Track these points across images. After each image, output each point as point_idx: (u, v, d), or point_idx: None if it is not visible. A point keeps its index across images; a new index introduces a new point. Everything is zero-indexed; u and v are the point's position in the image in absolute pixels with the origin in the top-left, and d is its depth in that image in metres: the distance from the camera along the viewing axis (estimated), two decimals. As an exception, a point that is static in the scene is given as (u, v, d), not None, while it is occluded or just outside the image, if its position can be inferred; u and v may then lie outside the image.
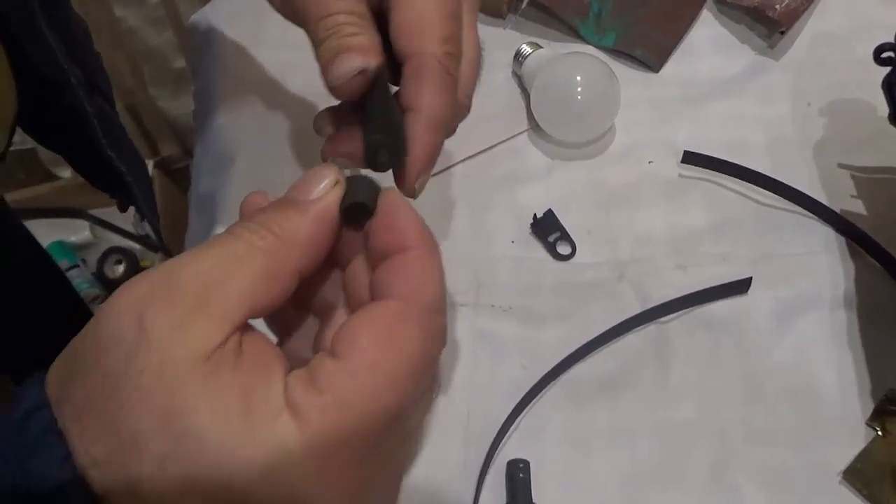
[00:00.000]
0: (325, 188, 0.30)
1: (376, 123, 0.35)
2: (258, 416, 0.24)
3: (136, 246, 1.35)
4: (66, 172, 1.48)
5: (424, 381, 0.27)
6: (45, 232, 1.32)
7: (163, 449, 0.24)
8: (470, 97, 0.41)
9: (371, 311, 0.28)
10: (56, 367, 0.26)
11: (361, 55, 0.34)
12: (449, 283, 0.55)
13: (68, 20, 0.52)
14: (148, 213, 0.60)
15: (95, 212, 1.38)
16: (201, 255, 0.27)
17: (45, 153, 1.43)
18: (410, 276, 0.28)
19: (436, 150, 0.37)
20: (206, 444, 0.24)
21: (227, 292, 0.26)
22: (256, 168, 0.61)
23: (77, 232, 1.37)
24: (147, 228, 0.58)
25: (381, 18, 0.37)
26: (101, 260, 1.35)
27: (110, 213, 1.39)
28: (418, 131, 0.36)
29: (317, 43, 0.36)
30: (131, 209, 0.66)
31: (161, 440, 0.24)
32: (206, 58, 0.68)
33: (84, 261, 1.37)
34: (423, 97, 0.35)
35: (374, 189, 0.31)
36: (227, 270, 0.26)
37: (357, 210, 0.30)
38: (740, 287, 0.54)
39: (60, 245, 1.34)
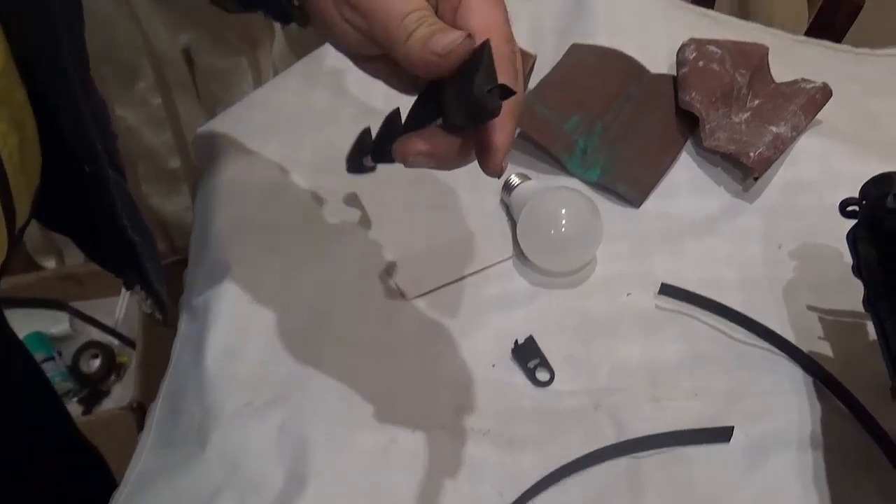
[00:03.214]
0: None
1: (481, 75, 0.37)
2: None
3: (114, 341, 1.35)
4: (50, 262, 1.49)
5: None
6: (25, 322, 1.31)
7: None
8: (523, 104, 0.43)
9: None
10: None
11: (456, 31, 0.38)
12: (428, 406, 0.56)
13: (93, 94, 0.55)
14: (158, 289, 0.62)
15: (77, 304, 1.38)
16: None
17: (31, 242, 1.44)
18: None
19: (513, 135, 0.40)
20: None
21: None
22: (250, 278, 0.63)
23: (56, 323, 1.37)
24: (152, 307, 0.59)
25: None
26: (78, 353, 1.35)
27: (91, 305, 1.39)
28: (503, 115, 0.38)
29: (401, 40, 0.39)
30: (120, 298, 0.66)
31: None
32: (208, 170, 0.71)
33: (60, 353, 1.36)
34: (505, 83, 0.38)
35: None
36: None
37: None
38: (722, 434, 0.55)
39: (38, 336, 1.33)
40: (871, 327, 0.55)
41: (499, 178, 0.40)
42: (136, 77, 1.29)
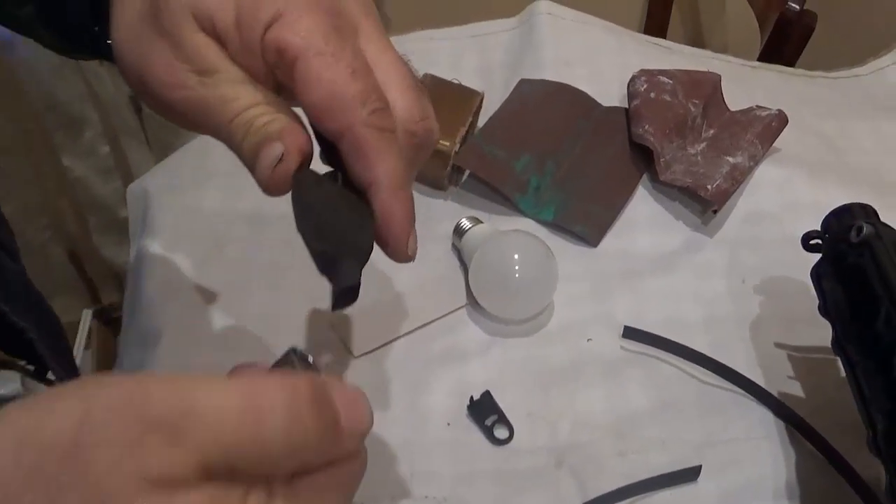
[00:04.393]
0: None
1: (322, 225, 0.34)
2: None
3: (68, 399, 1.30)
4: None
5: None
6: (-27, 384, 1.26)
7: None
8: (426, 115, 0.37)
9: None
10: None
11: (281, 140, 0.33)
12: (378, 473, 0.53)
13: None
14: (60, 375, 0.56)
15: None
16: None
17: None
18: None
19: (409, 207, 0.36)
20: None
21: None
22: (182, 346, 0.59)
23: (7, 383, 1.32)
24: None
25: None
26: (30, 413, 1.30)
27: (44, 363, 1.34)
28: (385, 200, 0.35)
29: (236, 147, 0.35)
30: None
31: None
32: (141, 229, 0.67)
33: (11, 414, 1.31)
34: (371, 168, 0.34)
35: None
36: None
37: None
38: (689, 475, 0.53)
39: (-13, 398, 1.28)
40: (841, 364, 0.52)
41: (411, 261, 0.37)
42: (82, 126, 1.26)
